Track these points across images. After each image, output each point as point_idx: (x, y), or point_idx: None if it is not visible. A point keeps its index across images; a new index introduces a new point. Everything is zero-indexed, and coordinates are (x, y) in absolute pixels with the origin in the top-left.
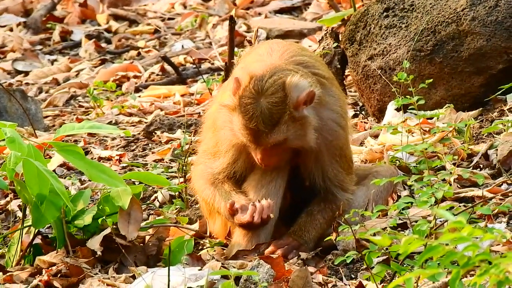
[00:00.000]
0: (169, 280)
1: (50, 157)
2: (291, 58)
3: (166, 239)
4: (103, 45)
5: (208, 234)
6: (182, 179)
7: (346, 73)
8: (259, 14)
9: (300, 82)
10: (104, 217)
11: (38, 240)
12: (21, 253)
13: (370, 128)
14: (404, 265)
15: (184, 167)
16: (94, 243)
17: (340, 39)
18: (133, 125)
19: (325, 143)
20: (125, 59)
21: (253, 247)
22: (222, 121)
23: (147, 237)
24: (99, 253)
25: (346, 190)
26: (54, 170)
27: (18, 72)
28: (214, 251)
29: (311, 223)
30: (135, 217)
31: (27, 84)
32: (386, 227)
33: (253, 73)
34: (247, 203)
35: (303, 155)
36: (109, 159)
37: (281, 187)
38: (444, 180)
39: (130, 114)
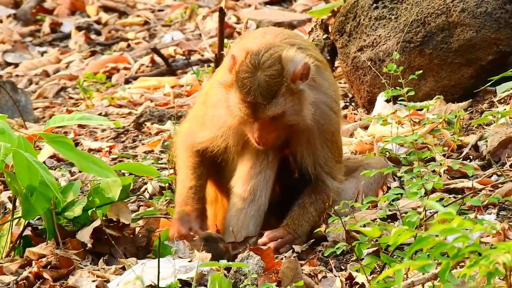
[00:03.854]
0: (159, 272)
1: (40, 149)
2: (285, 39)
3: (156, 230)
4: (93, 36)
5: None
6: (172, 170)
7: (336, 65)
8: (249, 5)
9: (296, 55)
10: (94, 209)
11: (28, 232)
12: (11, 245)
13: (360, 120)
14: (394, 257)
15: (174, 158)
16: (84, 235)
17: (330, 30)
18: (123, 117)
19: (317, 126)
20: (115, 51)
21: (242, 240)
22: (216, 99)
23: (137, 229)
24: (89, 245)
25: (335, 178)
26: (44, 162)
27: (8, 64)
28: None
29: (303, 217)
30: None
31: (17, 75)
32: (376, 219)
33: (249, 48)
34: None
35: (295, 139)
36: (99, 150)
37: (270, 178)
38: (434, 171)
39: (120, 106)
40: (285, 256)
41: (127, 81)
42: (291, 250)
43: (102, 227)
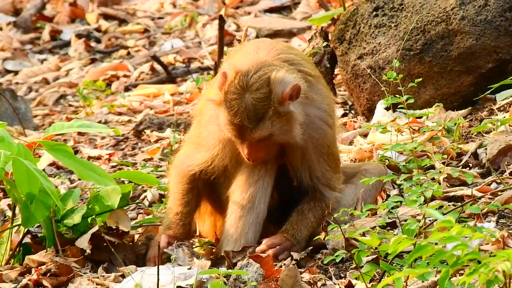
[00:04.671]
0: (158, 279)
1: (40, 156)
2: (278, 55)
3: (155, 238)
4: (93, 44)
5: (197, 233)
6: None
7: (335, 72)
8: (249, 13)
9: (285, 77)
10: (93, 216)
11: (27, 239)
12: (10, 252)
13: (360, 127)
14: (393, 265)
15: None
16: (83, 241)
17: (330, 38)
18: (123, 124)
19: (311, 141)
20: (114, 58)
21: (240, 249)
22: (208, 116)
23: (136, 236)
24: (88, 251)
25: (334, 189)
26: (43, 169)
27: (8, 71)
28: (203, 250)
29: (302, 222)
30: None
31: (16, 83)
32: (375, 226)
33: (239, 68)
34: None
35: (290, 153)
36: (98, 158)
37: (269, 185)
38: (433, 179)
39: (120, 113)
40: (285, 264)
41: (126, 89)
42: (290, 258)
43: (101, 233)
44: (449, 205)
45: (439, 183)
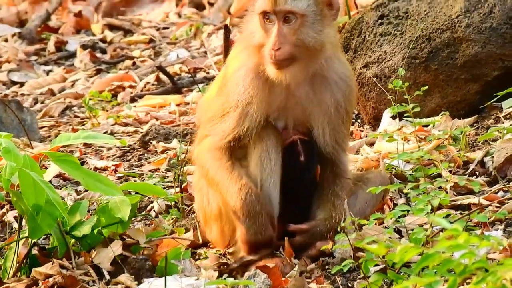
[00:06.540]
0: None
1: (46, 168)
2: None
3: (159, 247)
4: (98, 55)
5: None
6: (178, 189)
7: None
8: None
9: None
10: (100, 228)
11: (35, 252)
12: (17, 265)
13: (366, 136)
14: (401, 274)
15: (180, 177)
16: (103, 261)
17: None
18: (129, 135)
19: (342, 95)
20: (120, 69)
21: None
22: (240, 63)
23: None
24: (106, 273)
25: (346, 151)
26: (50, 181)
27: (14, 83)
28: (207, 257)
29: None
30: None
31: (22, 94)
32: (384, 234)
33: None
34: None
35: (315, 114)
36: (105, 169)
37: (277, 183)
38: (440, 187)
39: (126, 124)
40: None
41: (132, 99)
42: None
43: (127, 255)
44: (456, 214)
45: (446, 192)
